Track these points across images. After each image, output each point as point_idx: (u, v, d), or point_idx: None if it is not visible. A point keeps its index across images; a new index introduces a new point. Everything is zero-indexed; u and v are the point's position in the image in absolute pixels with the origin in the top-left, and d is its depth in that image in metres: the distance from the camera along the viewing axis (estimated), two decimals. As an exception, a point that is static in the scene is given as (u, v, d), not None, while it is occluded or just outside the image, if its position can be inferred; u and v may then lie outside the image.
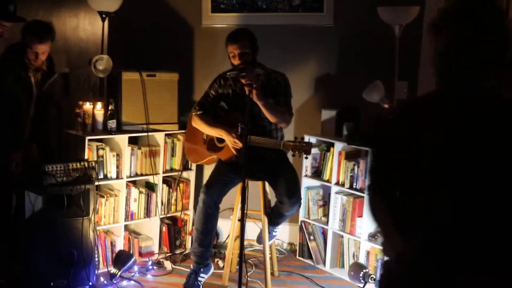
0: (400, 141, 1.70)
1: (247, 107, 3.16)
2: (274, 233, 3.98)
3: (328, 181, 4.16)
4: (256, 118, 3.66)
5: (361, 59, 4.37)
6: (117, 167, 4.02)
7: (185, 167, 4.42)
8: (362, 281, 3.72)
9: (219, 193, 3.67)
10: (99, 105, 3.94)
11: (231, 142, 3.59)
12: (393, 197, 1.71)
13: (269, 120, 3.66)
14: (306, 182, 4.29)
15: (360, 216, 3.95)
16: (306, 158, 4.13)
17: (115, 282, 3.76)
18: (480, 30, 1.59)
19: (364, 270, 3.74)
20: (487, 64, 1.59)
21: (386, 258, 1.82)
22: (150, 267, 4.07)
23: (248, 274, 3.94)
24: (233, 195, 3.84)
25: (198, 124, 3.83)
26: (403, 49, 4.01)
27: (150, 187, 4.27)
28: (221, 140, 3.80)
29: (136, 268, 3.98)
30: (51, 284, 3.40)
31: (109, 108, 3.94)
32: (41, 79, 3.72)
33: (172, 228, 4.40)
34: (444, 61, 1.64)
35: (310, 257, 4.31)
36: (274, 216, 3.80)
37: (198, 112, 3.82)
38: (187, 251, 4.37)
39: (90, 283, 3.58)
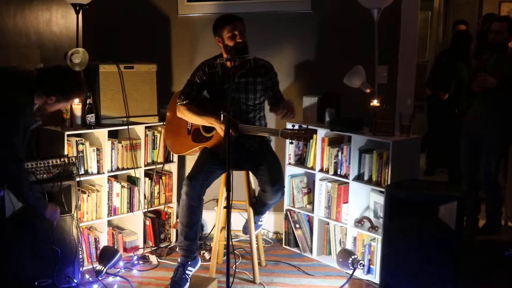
0: None
1: (229, 95, 3.15)
2: (259, 223, 3.95)
3: (312, 168, 4.14)
4: (241, 106, 3.64)
5: (341, 45, 4.35)
6: (98, 162, 3.95)
7: (167, 159, 4.36)
8: (351, 267, 3.71)
9: (202, 185, 3.59)
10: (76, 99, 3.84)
11: (224, 131, 3.51)
12: None
13: (253, 107, 3.63)
14: (290, 170, 4.26)
15: (346, 202, 3.94)
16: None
17: (100, 278, 3.69)
18: None
19: (353, 256, 3.73)
20: None
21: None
22: (136, 262, 4.02)
23: (235, 264, 3.91)
24: (216, 186, 3.80)
25: (185, 114, 3.74)
26: (382, 33, 3.99)
27: (132, 181, 4.21)
28: (208, 130, 3.74)
29: (121, 263, 3.91)
30: (35, 283, 3.34)
31: (87, 102, 3.86)
32: None
33: (156, 221, 4.34)
34: None
35: (297, 246, 4.29)
36: (258, 205, 3.77)
37: (184, 102, 3.75)
38: (172, 244, 4.33)
39: (75, 281, 3.52)
